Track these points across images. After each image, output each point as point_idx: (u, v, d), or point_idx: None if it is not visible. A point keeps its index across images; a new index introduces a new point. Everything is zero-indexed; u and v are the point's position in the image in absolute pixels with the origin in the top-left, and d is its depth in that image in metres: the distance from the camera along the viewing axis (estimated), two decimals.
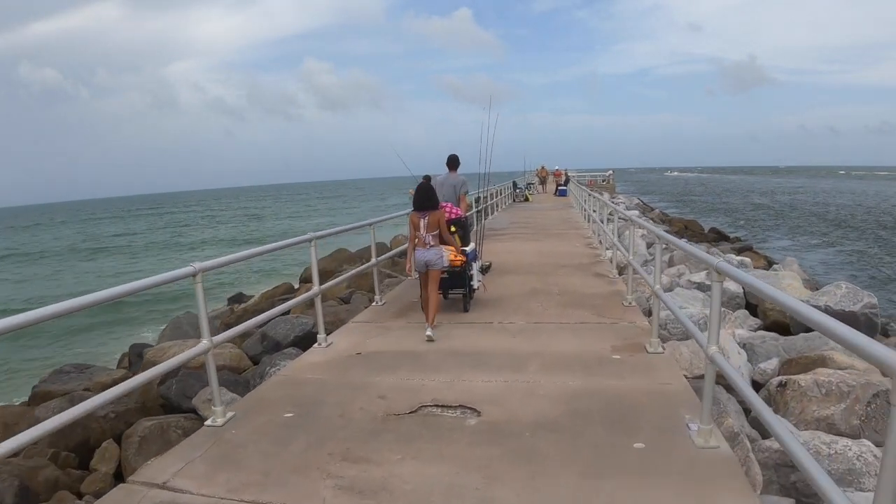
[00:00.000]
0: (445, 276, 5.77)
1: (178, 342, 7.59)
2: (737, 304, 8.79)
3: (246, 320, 4.64)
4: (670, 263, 11.27)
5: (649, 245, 15.09)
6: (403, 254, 6.68)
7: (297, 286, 12.27)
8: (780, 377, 5.59)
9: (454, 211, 6.21)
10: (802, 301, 2.53)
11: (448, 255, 5.43)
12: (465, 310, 6.05)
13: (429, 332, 5.07)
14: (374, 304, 6.63)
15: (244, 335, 7.25)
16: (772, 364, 6.04)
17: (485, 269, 6.78)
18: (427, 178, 13.09)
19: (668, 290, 9.08)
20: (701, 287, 9.43)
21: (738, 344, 6.42)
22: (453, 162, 6.83)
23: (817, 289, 10.51)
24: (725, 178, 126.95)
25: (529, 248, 10.70)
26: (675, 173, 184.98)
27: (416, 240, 5.31)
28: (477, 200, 12.43)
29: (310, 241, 4.98)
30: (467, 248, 6.01)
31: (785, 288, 9.05)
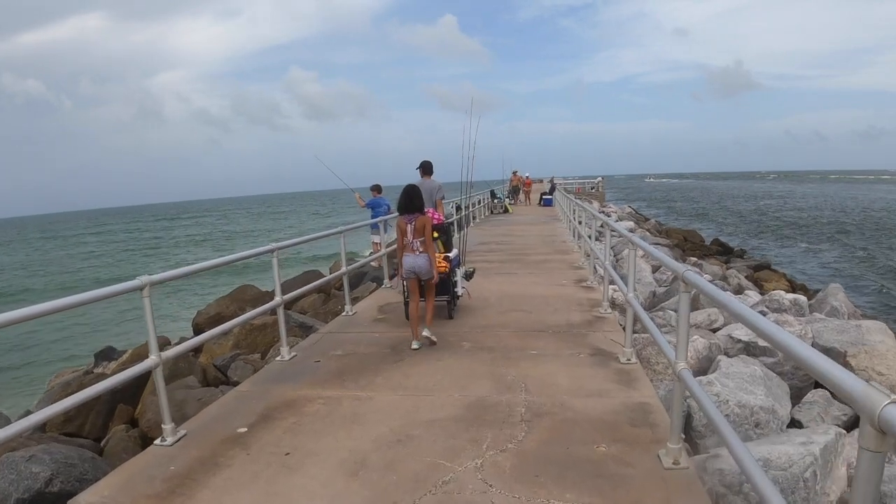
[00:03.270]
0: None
1: None
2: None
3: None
4: (695, 304, 7.98)
5: (655, 269, 11.97)
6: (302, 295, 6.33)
7: (175, 339, 8.90)
8: None
9: (436, 216, 5.97)
10: None
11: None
12: (450, 316, 5.89)
13: (415, 345, 4.92)
14: (158, 442, 3.31)
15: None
16: None
17: (468, 275, 6.63)
18: (377, 188, 10.87)
19: (704, 368, 5.84)
20: (750, 349, 6.27)
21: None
22: (426, 168, 6.75)
23: None
24: (712, 184, 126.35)
25: (494, 290, 7.34)
26: (652, 179, 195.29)
27: (404, 245, 5.09)
28: (458, 209, 12.06)
29: None
30: (451, 254, 5.89)
31: (883, 352, 5.91)
